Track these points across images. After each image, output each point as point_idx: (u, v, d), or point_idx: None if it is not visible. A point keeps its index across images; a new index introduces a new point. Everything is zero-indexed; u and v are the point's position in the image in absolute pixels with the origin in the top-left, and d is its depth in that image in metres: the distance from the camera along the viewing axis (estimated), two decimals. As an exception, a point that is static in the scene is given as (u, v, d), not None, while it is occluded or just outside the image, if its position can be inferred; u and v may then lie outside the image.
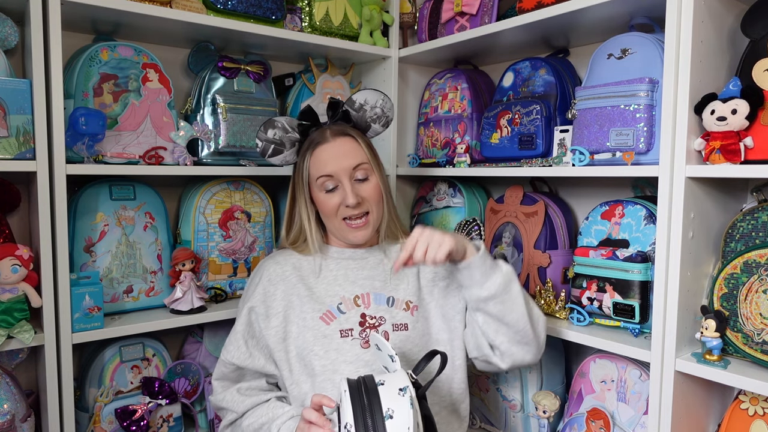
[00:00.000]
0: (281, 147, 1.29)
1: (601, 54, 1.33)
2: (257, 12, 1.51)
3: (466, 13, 1.60)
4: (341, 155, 1.22)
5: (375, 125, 1.32)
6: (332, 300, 1.21)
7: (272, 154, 1.30)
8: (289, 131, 1.28)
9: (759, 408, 1.14)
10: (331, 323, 1.18)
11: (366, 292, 1.23)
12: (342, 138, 1.24)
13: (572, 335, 1.32)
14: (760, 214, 1.17)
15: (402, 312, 1.22)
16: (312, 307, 1.20)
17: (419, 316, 1.23)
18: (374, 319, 1.20)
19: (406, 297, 1.24)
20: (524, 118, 1.48)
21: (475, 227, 1.61)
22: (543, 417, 1.44)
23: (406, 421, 0.87)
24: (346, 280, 1.24)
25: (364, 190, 1.23)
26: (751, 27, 1.13)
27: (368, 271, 1.26)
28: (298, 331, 1.19)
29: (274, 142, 1.28)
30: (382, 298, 1.23)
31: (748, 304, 1.10)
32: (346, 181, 1.21)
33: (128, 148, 1.38)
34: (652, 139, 1.22)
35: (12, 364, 1.34)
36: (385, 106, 1.31)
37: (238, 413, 1.21)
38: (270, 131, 1.27)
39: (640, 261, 1.23)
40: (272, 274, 1.25)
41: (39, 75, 1.20)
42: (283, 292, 1.23)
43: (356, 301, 1.22)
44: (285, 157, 1.31)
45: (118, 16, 1.34)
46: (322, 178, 1.22)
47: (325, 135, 1.24)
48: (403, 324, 1.21)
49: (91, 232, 1.39)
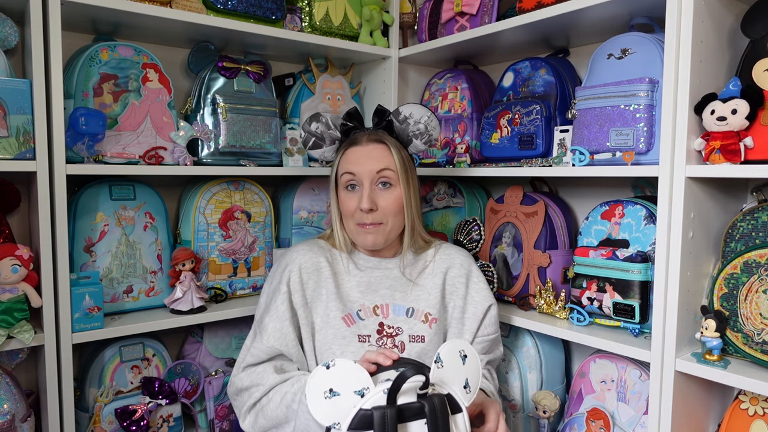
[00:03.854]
0: (321, 141, 1.31)
1: (601, 54, 1.33)
2: (257, 12, 1.51)
3: (466, 13, 1.60)
4: (369, 158, 1.23)
5: (416, 141, 1.30)
6: (353, 305, 1.22)
7: (312, 146, 1.32)
8: (332, 128, 1.30)
9: (759, 408, 1.14)
10: (351, 326, 1.19)
11: (386, 302, 1.24)
12: (375, 144, 1.25)
13: (572, 335, 1.32)
14: (760, 214, 1.17)
15: (420, 323, 1.23)
16: (336, 305, 1.21)
17: (437, 329, 1.24)
18: (392, 329, 1.21)
19: (426, 309, 1.25)
20: (524, 118, 1.48)
21: (475, 227, 1.61)
22: (543, 417, 1.44)
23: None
24: (368, 288, 1.25)
25: (384, 198, 1.23)
26: (751, 27, 1.13)
27: (391, 281, 1.27)
28: (321, 324, 1.20)
29: (315, 135, 1.31)
30: (402, 309, 1.24)
31: (748, 304, 1.10)
32: (367, 183, 1.22)
33: (128, 148, 1.38)
34: (652, 139, 1.22)
35: (12, 364, 1.34)
36: (430, 123, 1.29)
37: (265, 387, 1.14)
38: (314, 124, 1.30)
39: (640, 261, 1.23)
40: (307, 263, 1.24)
41: (39, 75, 1.20)
42: (315, 282, 1.23)
43: (375, 311, 1.23)
44: (323, 153, 1.33)
45: (118, 16, 1.34)
46: (346, 174, 1.24)
47: (361, 138, 1.26)
48: (420, 336, 1.22)
49: (91, 232, 1.39)
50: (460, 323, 1.28)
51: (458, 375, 0.96)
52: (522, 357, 1.52)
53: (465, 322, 1.28)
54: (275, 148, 1.59)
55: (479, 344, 1.28)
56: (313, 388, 0.89)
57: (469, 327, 1.27)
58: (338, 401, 0.89)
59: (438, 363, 0.94)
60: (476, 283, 1.31)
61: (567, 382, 1.58)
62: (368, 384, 0.90)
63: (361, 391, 0.90)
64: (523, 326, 1.44)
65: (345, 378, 0.90)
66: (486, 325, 1.29)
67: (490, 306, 1.30)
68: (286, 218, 1.69)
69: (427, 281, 1.29)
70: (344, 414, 0.89)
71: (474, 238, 1.61)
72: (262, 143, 1.56)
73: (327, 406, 0.89)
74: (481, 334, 1.28)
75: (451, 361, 0.96)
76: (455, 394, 0.94)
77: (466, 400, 0.95)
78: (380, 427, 0.87)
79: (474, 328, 1.27)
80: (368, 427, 0.88)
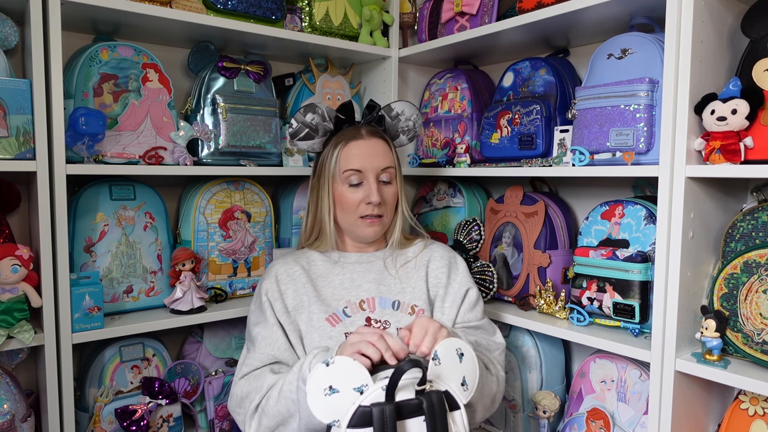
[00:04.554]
0: (314, 133, 1.31)
1: (601, 54, 1.33)
2: (257, 12, 1.51)
3: (466, 13, 1.60)
4: (373, 154, 1.25)
5: (402, 136, 1.37)
6: (338, 303, 1.22)
7: (304, 137, 1.31)
8: (327, 120, 1.31)
9: (759, 408, 1.14)
10: (337, 325, 1.19)
11: (371, 296, 1.24)
12: (376, 138, 1.28)
13: (572, 335, 1.32)
14: (760, 214, 1.17)
15: (407, 316, 1.23)
16: (319, 308, 1.21)
17: None
18: (379, 323, 1.21)
19: (412, 301, 1.25)
20: (524, 118, 1.48)
21: (475, 227, 1.61)
22: (543, 417, 1.44)
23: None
24: (352, 284, 1.26)
25: (386, 193, 1.27)
26: (751, 27, 1.13)
27: (374, 274, 1.28)
28: (306, 330, 1.20)
29: (309, 126, 1.30)
30: (388, 302, 1.24)
31: (748, 304, 1.10)
32: (372, 179, 1.25)
33: (128, 148, 1.38)
34: (652, 139, 1.22)
35: (12, 364, 1.34)
36: (417, 121, 1.37)
37: (264, 389, 1.12)
38: (309, 115, 1.29)
39: (640, 261, 1.23)
40: (282, 275, 1.27)
41: (39, 75, 1.20)
42: (294, 291, 1.24)
43: (362, 306, 1.23)
44: (312, 144, 1.33)
45: (118, 16, 1.34)
46: (349, 171, 1.25)
47: (361, 132, 1.28)
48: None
49: (91, 232, 1.39)
50: (440, 312, 1.27)
51: (455, 372, 0.96)
52: (522, 357, 1.52)
53: (445, 311, 1.27)
54: (275, 148, 1.59)
55: (460, 331, 1.24)
56: (313, 386, 0.90)
57: (449, 314, 1.26)
58: (338, 398, 0.90)
59: (435, 360, 0.95)
60: (456, 272, 1.32)
61: (567, 382, 1.58)
62: (367, 381, 0.91)
63: (360, 387, 0.90)
64: (523, 326, 1.44)
65: (344, 375, 0.90)
66: (464, 311, 1.27)
67: (468, 290, 1.29)
68: (286, 218, 1.69)
69: (411, 274, 1.29)
70: (344, 411, 0.89)
71: (474, 238, 1.61)
72: (262, 143, 1.56)
73: (327, 404, 0.90)
74: (461, 321, 1.26)
75: (448, 358, 0.96)
76: (453, 391, 0.95)
77: (464, 398, 0.96)
78: (379, 423, 0.88)
79: (453, 315, 1.26)
80: (368, 423, 0.89)
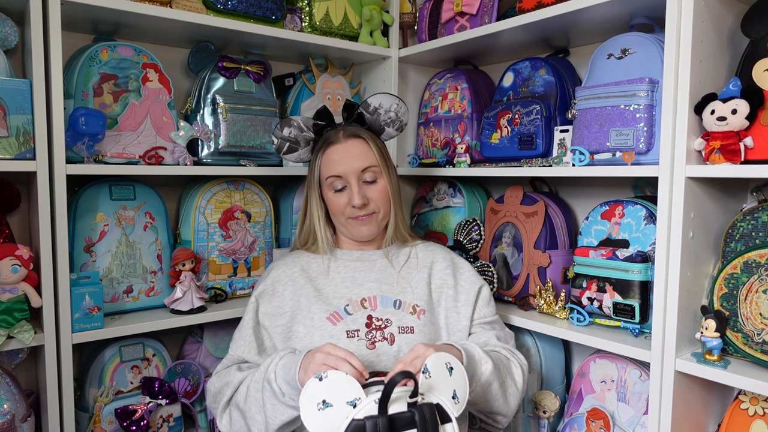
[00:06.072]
0: (296, 145, 1.32)
1: (601, 54, 1.33)
2: (257, 12, 1.51)
3: (466, 13, 1.60)
4: (351, 157, 1.25)
5: (389, 129, 1.36)
6: (339, 302, 1.22)
7: (287, 151, 1.33)
8: (305, 130, 1.31)
9: (759, 408, 1.14)
10: (338, 324, 1.19)
11: (373, 294, 1.24)
12: (354, 140, 1.27)
13: (572, 335, 1.32)
14: (760, 214, 1.17)
15: (408, 315, 1.23)
16: (319, 307, 1.21)
17: (426, 320, 1.24)
18: (381, 321, 1.21)
19: (413, 301, 1.25)
20: (524, 118, 1.48)
21: (475, 227, 1.61)
22: (543, 417, 1.44)
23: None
24: (353, 282, 1.26)
25: (372, 191, 1.26)
26: (751, 27, 1.13)
27: (376, 273, 1.28)
28: (305, 331, 1.20)
29: (289, 140, 1.31)
30: (389, 301, 1.24)
31: (748, 304, 1.10)
32: (354, 182, 1.24)
33: (128, 148, 1.38)
34: (652, 139, 1.22)
35: (12, 364, 1.34)
36: (399, 110, 1.35)
37: (234, 384, 1.18)
38: (286, 129, 1.31)
39: (640, 261, 1.23)
40: (280, 276, 1.27)
41: (39, 75, 1.20)
42: (291, 292, 1.25)
43: (363, 304, 1.23)
44: (300, 155, 1.34)
45: (118, 16, 1.34)
46: (332, 178, 1.25)
47: (338, 136, 1.27)
48: (409, 327, 1.21)
49: (91, 232, 1.39)
50: (455, 312, 1.27)
51: (446, 386, 0.97)
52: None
53: (459, 310, 1.27)
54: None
55: (478, 327, 1.28)
56: (307, 400, 0.90)
57: (465, 313, 1.27)
58: (331, 412, 0.90)
59: (426, 373, 0.95)
60: (463, 271, 1.33)
61: (567, 382, 1.58)
62: (360, 394, 0.91)
63: (353, 401, 0.90)
64: (523, 326, 1.44)
65: (337, 389, 0.91)
66: (480, 307, 1.29)
67: (481, 287, 1.31)
68: (286, 218, 1.69)
69: (412, 275, 1.29)
70: (337, 425, 0.90)
71: (474, 238, 1.61)
72: (262, 143, 1.56)
73: (320, 418, 0.90)
74: (478, 317, 1.29)
75: (438, 371, 0.97)
76: (444, 403, 0.95)
77: (456, 411, 0.96)
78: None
79: (469, 313, 1.27)
80: None
